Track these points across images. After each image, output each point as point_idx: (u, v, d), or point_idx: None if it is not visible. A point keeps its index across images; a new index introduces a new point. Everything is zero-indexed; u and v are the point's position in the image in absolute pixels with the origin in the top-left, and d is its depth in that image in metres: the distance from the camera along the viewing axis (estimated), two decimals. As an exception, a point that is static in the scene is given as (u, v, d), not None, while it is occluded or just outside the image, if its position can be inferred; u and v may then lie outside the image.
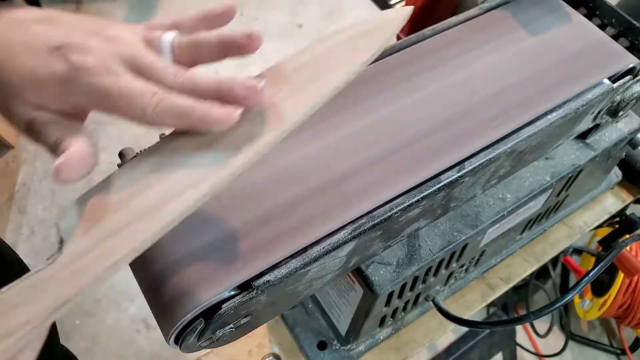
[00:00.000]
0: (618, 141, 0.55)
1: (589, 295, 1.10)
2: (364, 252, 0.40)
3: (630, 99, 0.49)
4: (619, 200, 0.73)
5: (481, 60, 0.46)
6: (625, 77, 0.47)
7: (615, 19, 0.51)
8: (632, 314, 1.05)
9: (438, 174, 0.39)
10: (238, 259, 0.34)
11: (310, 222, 0.36)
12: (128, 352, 1.24)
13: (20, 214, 1.44)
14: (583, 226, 0.70)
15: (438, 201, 0.41)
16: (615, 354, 1.27)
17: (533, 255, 0.68)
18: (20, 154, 1.55)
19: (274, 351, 0.58)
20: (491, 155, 0.40)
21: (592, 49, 0.47)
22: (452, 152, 0.40)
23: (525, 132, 0.42)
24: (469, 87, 0.44)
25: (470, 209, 0.50)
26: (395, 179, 0.38)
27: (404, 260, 0.47)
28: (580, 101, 0.44)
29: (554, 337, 1.25)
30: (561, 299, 0.49)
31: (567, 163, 0.53)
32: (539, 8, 0.50)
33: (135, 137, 1.56)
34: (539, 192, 0.52)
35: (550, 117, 0.43)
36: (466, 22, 0.50)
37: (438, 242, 0.48)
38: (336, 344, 0.57)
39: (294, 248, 0.35)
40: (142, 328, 1.26)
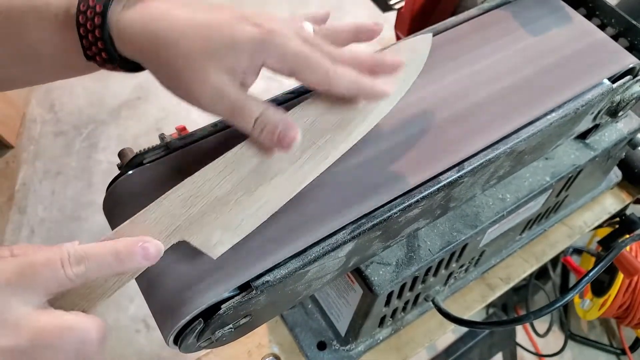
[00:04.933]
0: (618, 141, 0.55)
1: (589, 295, 1.10)
2: (364, 253, 0.40)
3: (630, 99, 0.49)
4: (618, 200, 0.73)
5: (481, 61, 0.46)
6: (625, 77, 0.47)
7: (615, 19, 0.51)
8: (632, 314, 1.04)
9: (438, 174, 0.39)
10: (237, 260, 0.34)
11: (310, 222, 0.36)
12: (128, 352, 1.24)
13: (20, 214, 1.44)
14: (583, 226, 0.70)
15: (437, 201, 0.41)
16: (615, 354, 1.27)
17: (533, 255, 0.68)
18: (20, 154, 1.55)
19: (273, 351, 0.58)
20: (491, 156, 0.40)
21: (592, 49, 0.47)
22: (452, 153, 0.40)
23: (525, 132, 0.42)
24: (469, 88, 0.44)
25: (470, 209, 0.50)
26: (394, 179, 0.38)
27: (404, 261, 0.47)
28: (580, 101, 0.44)
29: (554, 337, 1.25)
30: (561, 299, 0.49)
31: (567, 163, 0.53)
32: (539, 8, 0.50)
33: (135, 137, 1.56)
34: (539, 193, 0.52)
35: (550, 117, 0.43)
36: (466, 22, 0.50)
37: (438, 242, 0.48)
38: (336, 344, 0.57)
39: (293, 249, 0.35)
40: (142, 328, 1.26)
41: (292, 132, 0.33)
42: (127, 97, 1.65)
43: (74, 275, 0.26)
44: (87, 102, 1.65)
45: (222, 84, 0.32)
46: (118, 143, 1.55)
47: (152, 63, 0.33)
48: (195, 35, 0.32)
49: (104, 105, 1.64)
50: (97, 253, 0.27)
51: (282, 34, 0.32)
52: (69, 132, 1.59)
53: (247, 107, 0.33)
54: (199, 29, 0.32)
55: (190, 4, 0.33)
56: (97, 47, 0.33)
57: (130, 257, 0.28)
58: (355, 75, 0.34)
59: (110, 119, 1.61)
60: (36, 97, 1.67)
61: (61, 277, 0.26)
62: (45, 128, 1.61)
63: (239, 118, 0.33)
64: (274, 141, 0.33)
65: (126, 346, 1.25)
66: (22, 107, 1.63)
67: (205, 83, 0.32)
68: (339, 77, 0.33)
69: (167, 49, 0.32)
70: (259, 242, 0.35)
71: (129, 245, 0.29)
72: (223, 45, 0.32)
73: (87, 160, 1.53)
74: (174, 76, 0.33)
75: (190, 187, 0.34)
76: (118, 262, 0.28)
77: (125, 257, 0.28)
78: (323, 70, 0.33)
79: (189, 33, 0.32)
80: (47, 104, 1.65)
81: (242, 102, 0.32)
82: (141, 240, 0.29)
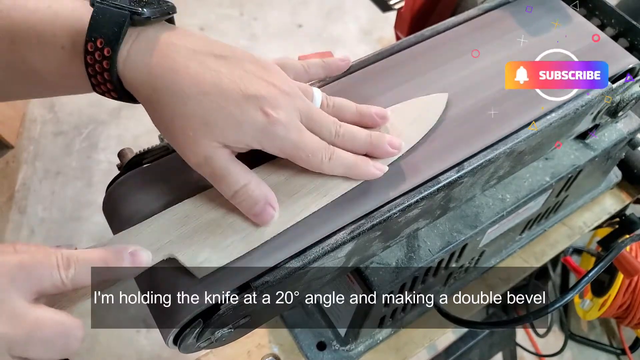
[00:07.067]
0: (617, 141, 0.55)
1: (589, 295, 1.10)
2: (364, 253, 0.40)
3: (630, 99, 0.49)
4: (618, 200, 0.73)
5: (481, 61, 0.46)
6: (624, 78, 0.47)
7: (614, 19, 0.51)
8: (632, 314, 1.04)
9: (437, 174, 0.39)
10: (237, 260, 0.34)
11: (310, 223, 0.36)
12: (128, 352, 1.24)
13: (20, 214, 1.44)
14: (583, 226, 0.70)
15: (437, 202, 0.41)
16: (615, 354, 1.27)
17: (533, 255, 0.68)
18: (20, 154, 1.55)
19: (273, 352, 0.58)
20: (490, 156, 0.40)
21: (592, 49, 0.47)
22: (452, 153, 0.40)
23: (524, 132, 0.42)
24: (469, 88, 0.44)
25: (470, 209, 0.50)
26: (394, 179, 0.38)
27: (403, 261, 0.47)
28: (580, 101, 0.44)
29: (554, 337, 1.25)
30: (561, 299, 0.49)
31: (567, 163, 0.53)
32: (538, 8, 0.50)
33: (135, 137, 1.56)
34: (539, 193, 0.52)
35: (550, 117, 0.43)
36: (466, 22, 0.50)
37: (437, 242, 0.48)
38: (335, 344, 0.57)
39: (293, 249, 0.35)
40: (142, 328, 1.26)
41: (268, 210, 0.34)
42: (127, 97, 1.64)
43: (66, 278, 0.27)
44: (87, 102, 1.65)
45: (213, 154, 0.32)
46: (118, 143, 1.55)
47: (151, 111, 0.33)
48: (200, 104, 0.31)
49: (104, 105, 1.64)
50: (86, 258, 0.28)
51: (285, 125, 0.33)
52: (69, 132, 1.59)
53: (229, 177, 0.33)
54: (204, 98, 0.31)
55: (198, 46, 0.33)
56: (105, 87, 0.32)
57: (118, 263, 0.29)
58: (348, 164, 0.36)
59: (110, 119, 1.61)
60: (36, 97, 1.67)
61: (55, 279, 0.27)
62: (45, 128, 1.60)
63: (220, 186, 0.34)
64: (249, 216, 0.34)
65: (126, 346, 1.25)
66: (22, 107, 1.63)
67: (196, 149, 0.32)
68: (331, 167, 0.35)
69: (167, 105, 0.32)
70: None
71: (118, 251, 0.29)
72: (227, 125, 0.32)
73: (87, 160, 1.53)
74: (169, 131, 0.33)
75: (188, 207, 0.34)
76: (106, 267, 0.29)
77: (113, 263, 0.29)
78: (317, 162, 0.35)
79: (192, 98, 0.31)
80: (47, 104, 1.65)
81: (226, 171, 0.33)
82: (130, 248, 0.30)
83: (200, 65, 0.32)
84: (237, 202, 0.34)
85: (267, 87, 0.33)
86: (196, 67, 0.32)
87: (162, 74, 0.31)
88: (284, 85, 0.34)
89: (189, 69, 0.32)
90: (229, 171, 0.33)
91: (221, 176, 0.33)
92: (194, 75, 0.31)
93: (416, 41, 0.48)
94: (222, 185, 0.33)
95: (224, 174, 0.33)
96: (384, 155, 0.38)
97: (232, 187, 0.33)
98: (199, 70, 0.32)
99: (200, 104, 0.31)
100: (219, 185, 0.34)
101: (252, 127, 0.32)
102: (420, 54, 0.46)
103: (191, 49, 0.32)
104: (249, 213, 0.34)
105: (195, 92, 0.31)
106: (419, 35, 0.48)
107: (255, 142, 0.33)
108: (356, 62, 0.45)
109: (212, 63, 0.32)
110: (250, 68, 0.33)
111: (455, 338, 0.90)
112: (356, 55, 0.46)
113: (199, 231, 0.33)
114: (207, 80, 0.32)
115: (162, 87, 0.31)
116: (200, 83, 0.31)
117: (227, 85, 0.32)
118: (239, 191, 0.33)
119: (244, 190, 0.33)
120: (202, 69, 0.32)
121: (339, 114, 0.38)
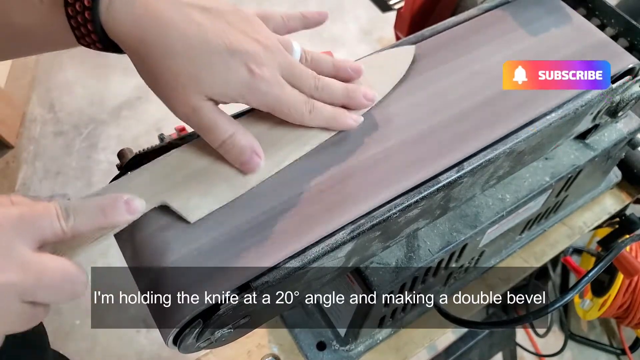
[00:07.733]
0: (617, 141, 0.55)
1: (589, 295, 1.10)
2: (363, 253, 0.40)
3: (630, 99, 0.49)
4: (618, 200, 0.73)
5: (480, 61, 0.46)
6: (624, 78, 0.47)
7: (614, 19, 0.51)
8: (632, 314, 1.05)
9: (437, 174, 0.39)
10: (237, 260, 0.34)
11: (310, 222, 0.36)
12: (128, 352, 1.24)
13: (20, 214, 1.44)
14: (583, 226, 0.70)
15: (437, 202, 0.41)
16: (615, 354, 1.27)
17: (533, 255, 0.68)
18: (20, 154, 1.55)
19: (273, 352, 0.58)
20: (490, 156, 0.40)
21: (592, 50, 0.47)
22: (451, 153, 0.40)
23: (524, 132, 0.42)
24: (469, 88, 0.44)
25: (470, 209, 0.50)
26: (394, 180, 0.38)
27: (403, 261, 0.47)
28: (580, 101, 0.44)
29: (554, 337, 1.25)
30: (561, 299, 0.49)
31: (567, 163, 0.53)
32: (538, 8, 0.50)
33: (135, 137, 1.56)
34: (539, 193, 0.52)
35: (550, 117, 0.43)
36: (466, 22, 0.50)
37: (437, 242, 0.48)
38: (335, 344, 0.57)
39: (292, 249, 0.35)
40: (142, 328, 1.26)
41: (255, 159, 0.35)
42: (127, 97, 1.65)
43: (66, 227, 0.28)
44: (87, 102, 1.65)
45: (200, 106, 0.33)
46: (118, 143, 1.55)
47: (137, 63, 0.33)
48: (189, 60, 0.32)
49: (104, 105, 1.64)
50: (85, 207, 0.29)
51: (268, 82, 0.34)
52: (69, 132, 1.59)
53: (217, 128, 0.34)
54: (192, 52, 0.32)
55: (204, 9, 0.33)
56: (90, 38, 0.32)
57: (114, 211, 0.30)
58: (327, 116, 0.38)
59: (110, 119, 1.61)
60: (36, 97, 1.67)
61: (56, 228, 0.28)
62: (45, 128, 1.60)
63: (208, 136, 0.35)
64: (236, 164, 0.36)
65: (126, 346, 1.25)
66: (22, 107, 1.63)
67: (184, 101, 0.33)
68: (311, 120, 0.37)
69: (155, 59, 0.32)
70: (258, 243, 0.35)
71: (114, 199, 0.30)
72: (214, 80, 0.33)
73: (87, 160, 1.53)
74: (157, 83, 0.33)
75: (177, 157, 0.36)
76: (104, 215, 0.29)
77: (110, 211, 0.30)
78: (298, 115, 0.37)
79: (181, 53, 0.32)
80: (47, 103, 1.65)
81: (214, 122, 0.34)
82: (125, 196, 0.30)
83: (185, 18, 0.32)
84: (224, 151, 0.35)
85: (251, 43, 0.34)
86: (181, 19, 0.32)
87: (149, 26, 0.31)
88: (266, 40, 0.35)
89: (174, 21, 0.32)
90: (216, 122, 0.34)
91: (208, 127, 0.34)
92: (180, 29, 0.32)
93: (416, 41, 0.48)
94: (209, 135, 0.35)
95: (211, 125, 0.34)
96: (360, 106, 0.40)
97: (220, 137, 0.34)
98: (184, 23, 0.32)
99: (189, 60, 0.32)
100: (207, 136, 0.35)
101: (238, 83, 0.33)
102: (420, 54, 0.46)
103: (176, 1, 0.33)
104: (236, 162, 0.36)
105: (183, 47, 0.32)
106: (419, 35, 0.48)
107: (240, 96, 0.34)
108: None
109: (196, 15, 0.33)
110: (234, 20, 0.34)
111: (455, 338, 0.90)
112: (356, 55, 0.46)
113: (189, 179, 0.35)
114: (194, 34, 0.32)
115: (149, 41, 0.32)
116: (187, 37, 0.32)
117: (212, 40, 0.32)
118: (226, 141, 0.35)
119: (230, 140, 0.35)
120: (187, 21, 0.32)
121: (317, 67, 0.39)
